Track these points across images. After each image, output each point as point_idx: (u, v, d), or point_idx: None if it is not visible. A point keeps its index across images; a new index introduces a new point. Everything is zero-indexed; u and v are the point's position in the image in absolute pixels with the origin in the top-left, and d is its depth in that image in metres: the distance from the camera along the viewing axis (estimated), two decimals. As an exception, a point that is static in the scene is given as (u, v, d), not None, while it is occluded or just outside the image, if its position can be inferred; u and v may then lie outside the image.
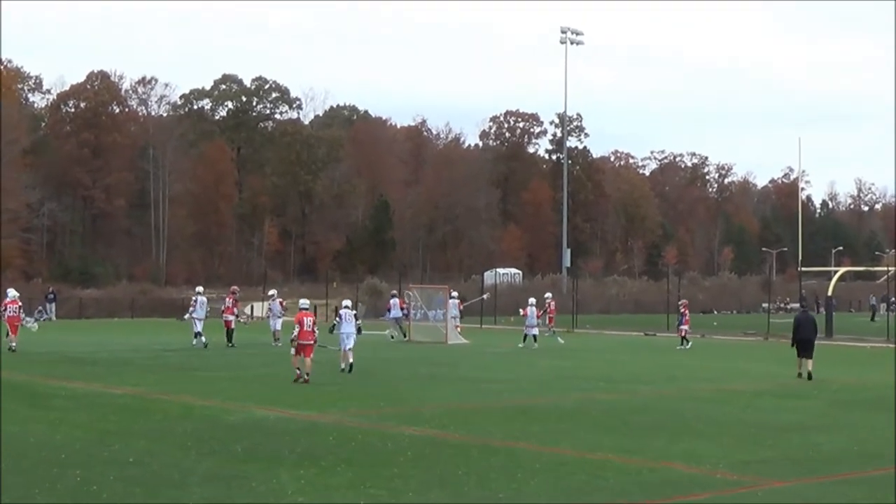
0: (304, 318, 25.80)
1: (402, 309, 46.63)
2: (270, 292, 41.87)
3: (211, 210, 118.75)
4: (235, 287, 41.76)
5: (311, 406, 20.30)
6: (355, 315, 31.38)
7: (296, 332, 25.56)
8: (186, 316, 40.97)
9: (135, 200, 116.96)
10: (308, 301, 27.92)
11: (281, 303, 41.22)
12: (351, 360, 28.02)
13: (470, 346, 42.53)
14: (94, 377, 26.12)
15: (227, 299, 39.42)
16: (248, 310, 77.67)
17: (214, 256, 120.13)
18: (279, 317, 40.16)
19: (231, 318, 38.40)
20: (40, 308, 69.59)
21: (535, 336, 42.47)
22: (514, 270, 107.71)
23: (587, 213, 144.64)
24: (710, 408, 21.10)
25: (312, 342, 25.55)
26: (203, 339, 38.00)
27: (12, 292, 36.73)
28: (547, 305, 48.34)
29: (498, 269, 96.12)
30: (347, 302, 31.06)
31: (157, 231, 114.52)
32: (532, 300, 44.56)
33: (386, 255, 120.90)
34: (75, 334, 44.64)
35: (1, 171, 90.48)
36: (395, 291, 50.55)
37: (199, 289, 41.15)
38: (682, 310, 44.15)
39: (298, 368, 25.36)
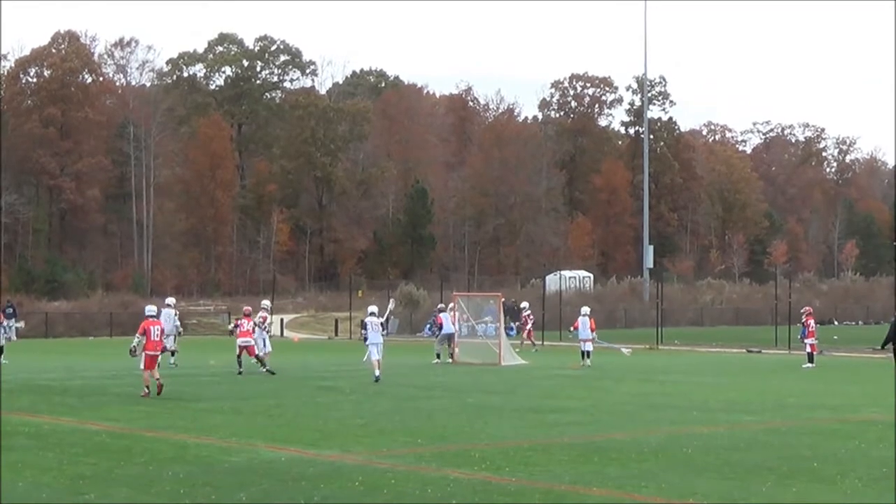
0: (151, 327, 29.21)
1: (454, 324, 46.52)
2: (263, 303, 41.97)
3: (206, 202, 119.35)
4: (248, 308, 41.87)
5: (332, 444, 20.32)
6: (381, 324, 35.61)
7: (136, 342, 29.39)
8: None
9: (112, 191, 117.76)
10: (155, 308, 31.18)
11: (264, 318, 40.82)
12: (378, 373, 32.73)
13: (529, 367, 42.50)
14: (64, 410, 26.28)
15: (245, 322, 39.23)
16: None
17: (211, 259, 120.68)
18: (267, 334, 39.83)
19: (251, 341, 38.24)
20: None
21: (588, 352, 43.28)
22: (583, 273, 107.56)
23: (674, 200, 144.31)
24: (830, 443, 20.94)
25: (160, 352, 29.45)
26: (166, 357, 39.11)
27: None
28: (524, 318, 48.70)
29: (563, 272, 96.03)
30: (374, 308, 35.59)
31: (140, 228, 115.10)
32: (585, 309, 45.00)
33: (423, 255, 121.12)
34: (40, 357, 44.99)
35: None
36: (443, 305, 50.38)
37: (170, 300, 43.58)
38: (806, 319, 44.15)
39: (148, 386, 28.89)
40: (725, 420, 24.87)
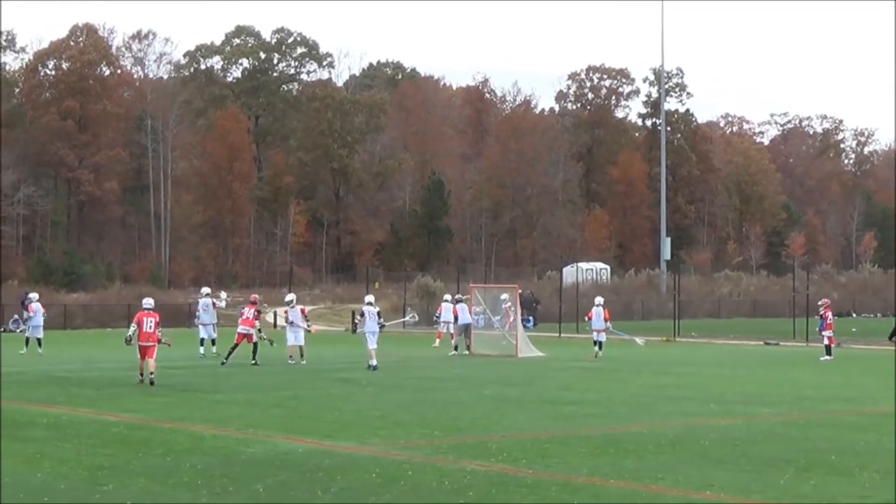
0: (144, 319, 30.52)
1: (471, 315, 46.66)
2: (288, 298, 41.95)
3: (223, 194, 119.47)
4: (256, 296, 41.96)
5: (349, 435, 20.35)
6: (378, 313, 37.72)
7: (131, 332, 30.51)
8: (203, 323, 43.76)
9: (130, 183, 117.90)
10: (152, 301, 32.17)
11: (303, 311, 40.95)
12: (374, 362, 35.02)
13: (546, 359, 42.52)
14: (81, 401, 26.35)
15: (248, 309, 39.30)
16: (269, 318, 77.95)
17: (228, 251, 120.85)
18: (303, 328, 39.84)
19: (251, 330, 38.37)
20: (16, 317, 70.36)
21: (601, 343, 43.82)
22: (600, 265, 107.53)
23: (691, 192, 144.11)
24: (848, 436, 20.90)
25: (154, 344, 30.33)
26: (209, 346, 41.43)
27: None
28: (504, 311, 48.68)
29: (580, 264, 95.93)
30: (370, 298, 38.23)
31: (158, 220, 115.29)
32: (599, 299, 45.43)
33: (440, 247, 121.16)
34: (59, 348, 45.03)
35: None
36: (459, 295, 50.53)
37: (205, 290, 45.05)
38: (823, 312, 44.19)
39: (142, 374, 30.19)
40: (743, 412, 24.83)
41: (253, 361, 37.46)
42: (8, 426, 21.60)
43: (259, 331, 38.76)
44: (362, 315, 37.56)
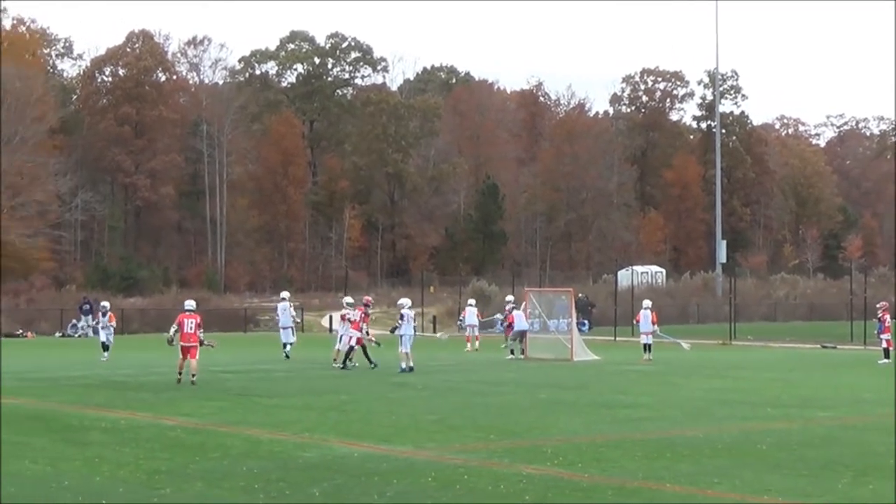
0: (185, 320, 31.36)
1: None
2: (346, 300, 42.13)
3: (278, 198, 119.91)
4: (369, 298, 42.43)
5: (405, 440, 20.39)
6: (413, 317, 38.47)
7: (172, 333, 31.89)
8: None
9: (186, 188, 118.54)
10: (193, 302, 33.09)
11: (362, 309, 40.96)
12: (411, 364, 35.88)
13: (601, 363, 42.50)
14: (139, 405, 26.54)
15: (357, 311, 39.63)
16: (324, 321, 78.33)
17: (283, 255, 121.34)
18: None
19: (359, 333, 38.48)
20: (74, 322, 70.97)
21: (649, 346, 44.14)
22: (655, 268, 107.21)
23: (746, 194, 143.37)
24: (907, 439, 20.75)
25: (196, 344, 31.13)
26: (286, 350, 42.96)
27: None
28: (507, 313, 48.58)
29: (635, 267, 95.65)
30: (408, 301, 38.79)
31: (214, 225, 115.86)
32: (647, 302, 45.70)
33: (495, 251, 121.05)
34: (116, 353, 45.30)
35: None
36: (511, 298, 50.49)
37: (284, 294, 46.34)
38: (882, 314, 43.90)
39: (180, 373, 31.22)
40: (799, 416, 24.72)
41: (372, 365, 37.66)
42: (67, 430, 21.82)
43: (367, 333, 39.20)
44: (402, 318, 37.54)
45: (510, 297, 51.67)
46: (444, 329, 67.26)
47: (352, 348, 38.07)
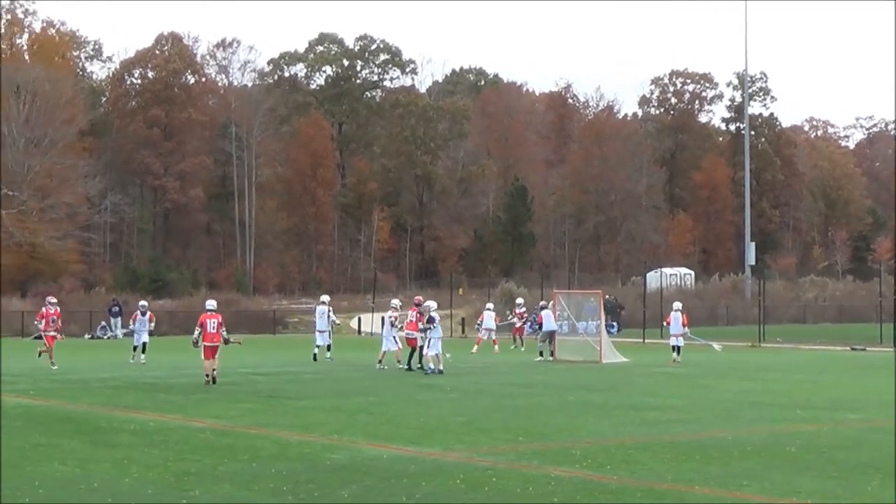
0: (208, 320, 31.89)
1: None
2: (394, 302, 42.24)
3: (307, 200, 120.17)
4: (419, 298, 42.36)
5: (433, 441, 20.39)
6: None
7: (196, 335, 32.13)
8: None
9: (215, 190, 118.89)
10: (214, 302, 33.77)
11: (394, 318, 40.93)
12: (433, 367, 36.11)
13: (630, 365, 42.42)
14: (168, 407, 26.60)
15: (410, 312, 39.82)
16: (353, 322, 78.45)
17: (312, 257, 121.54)
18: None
19: (417, 334, 38.38)
20: (103, 324, 71.21)
21: (679, 348, 43.98)
22: (684, 270, 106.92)
23: (776, 196, 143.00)
24: (937, 442, 20.65)
25: (219, 344, 31.79)
26: (323, 352, 42.87)
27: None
28: (517, 314, 48.49)
29: (664, 269, 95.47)
30: (433, 304, 38.77)
31: (243, 227, 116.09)
32: (677, 305, 45.61)
33: (524, 253, 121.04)
34: (146, 355, 45.35)
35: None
36: (544, 302, 50.60)
37: (324, 298, 45.71)
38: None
39: (208, 374, 31.48)
40: (829, 418, 24.63)
41: (419, 366, 37.62)
42: (96, 432, 21.87)
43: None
44: (430, 321, 37.14)
45: (520, 300, 52.09)
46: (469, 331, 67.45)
47: (419, 349, 37.98)
